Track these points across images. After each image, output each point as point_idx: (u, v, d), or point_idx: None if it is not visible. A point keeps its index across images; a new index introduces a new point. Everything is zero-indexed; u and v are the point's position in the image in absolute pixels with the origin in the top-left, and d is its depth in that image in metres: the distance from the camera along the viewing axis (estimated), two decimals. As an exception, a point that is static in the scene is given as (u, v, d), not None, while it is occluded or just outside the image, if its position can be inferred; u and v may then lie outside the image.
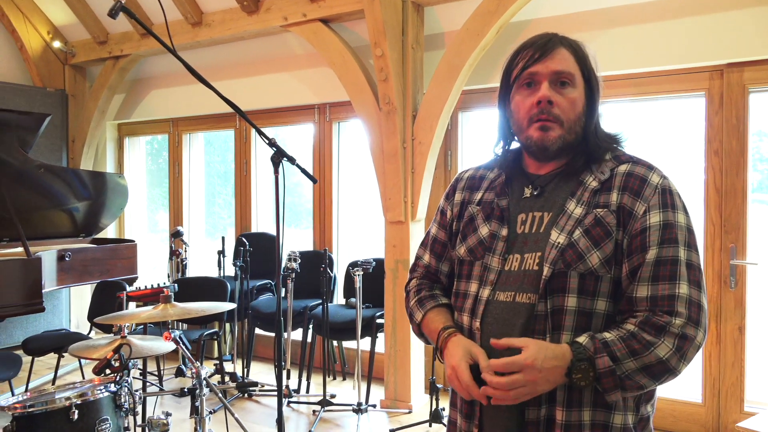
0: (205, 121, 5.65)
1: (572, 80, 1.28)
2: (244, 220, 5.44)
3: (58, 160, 5.67)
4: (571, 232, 1.25)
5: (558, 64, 1.28)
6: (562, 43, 1.30)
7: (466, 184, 1.48)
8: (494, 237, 1.34)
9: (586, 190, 1.28)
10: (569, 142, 1.29)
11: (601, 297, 1.24)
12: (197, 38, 4.92)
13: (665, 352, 1.16)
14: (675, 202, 1.25)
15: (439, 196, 4.37)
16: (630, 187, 1.26)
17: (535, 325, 1.24)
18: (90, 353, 2.28)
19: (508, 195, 1.37)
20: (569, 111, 1.28)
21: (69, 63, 5.87)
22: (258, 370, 4.84)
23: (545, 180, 1.34)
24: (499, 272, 1.32)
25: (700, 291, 1.21)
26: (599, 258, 1.23)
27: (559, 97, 1.28)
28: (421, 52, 4.07)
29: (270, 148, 2.53)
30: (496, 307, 1.30)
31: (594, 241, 1.24)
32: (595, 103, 1.31)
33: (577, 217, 1.26)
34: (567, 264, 1.24)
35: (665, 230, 1.21)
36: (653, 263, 1.20)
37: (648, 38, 3.54)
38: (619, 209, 1.25)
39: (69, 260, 4.42)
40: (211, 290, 4.24)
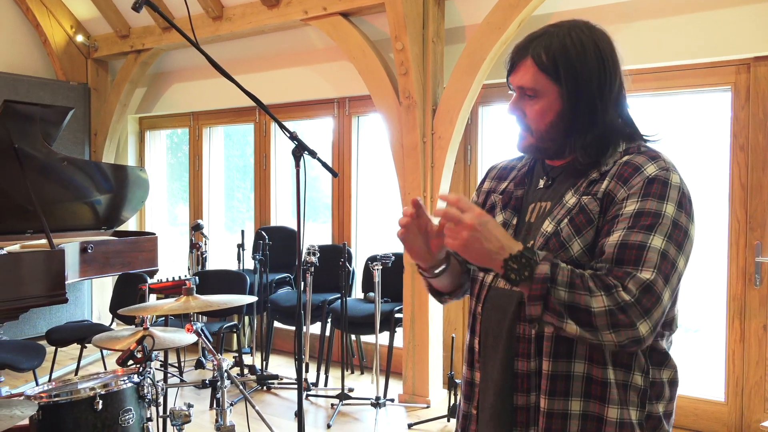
0: (225, 114, 5.68)
1: (535, 92, 1.25)
2: (263, 214, 5.46)
3: (80, 153, 5.74)
4: (560, 220, 1.24)
5: (519, 78, 1.27)
6: (531, 52, 1.26)
7: (497, 174, 1.50)
8: (506, 225, 1.35)
9: (586, 181, 1.26)
10: (547, 148, 1.30)
11: None
12: (218, 32, 4.94)
13: (597, 305, 1.09)
14: (665, 193, 1.17)
15: (459, 191, 4.36)
16: (621, 174, 1.21)
17: (521, 311, 1.25)
18: (113, 344, 2.31)
19: (525, 185, 1.39)
20: (537, 121, 1.27)
21: (91, 57, 5.93)
22: (276, 363, 4.87)
23: (556, 171, 1.34)
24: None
25: (665, 286, 1.12)
26: (580, 246, 1.21)
27: (529, 108, 1.27)
28: (442, 45, 4.05)
29: (291, 141, 2.53)
30: (495, 293, 1.32)
31: (576, 228, 1.22)
32: (580, 101, 1.24)
33: (570, 206, 1.25)
34: (549, 252, 1.21)
35: (638, 218, 1.15)
36: (617, 245, 1.14)
37: (672, 31, 3.48)
38: (604, 196, 1.21)
39: (91, 252, 4.48)
40: (231, 283, 4.27)
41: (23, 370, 3.42)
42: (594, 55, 1.24)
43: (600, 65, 1.24)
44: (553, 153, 1.31)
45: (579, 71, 1.23)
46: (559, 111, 1.25)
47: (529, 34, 1.30)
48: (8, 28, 5.64)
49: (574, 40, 1.24)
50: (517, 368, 1.25)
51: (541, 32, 1.28)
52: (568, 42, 1.24)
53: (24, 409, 1.57)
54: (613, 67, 1.25)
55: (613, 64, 1.25)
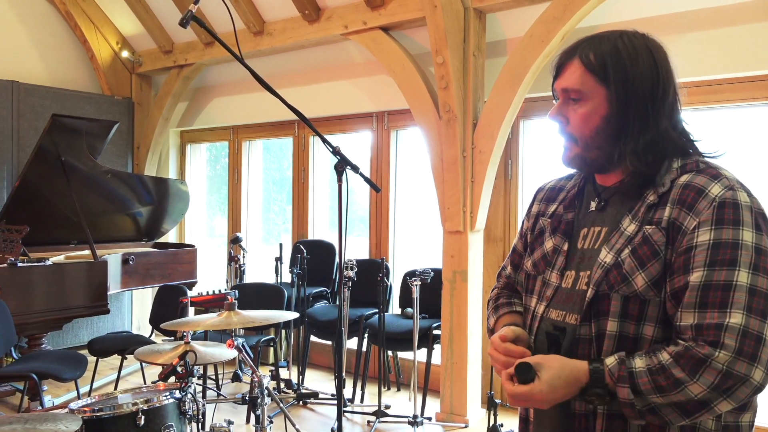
0: (265, 128, 5.72)
1: (580, 94, 1.18)
2: (300, 227, 5.47)
3: (123, 166, 5.86)
4: (620, 251, 1.16)
5: (565, 80, 1.20)
6: (579, 53, 1.20)
7: (545, 196, 1.42)
8: (556, 251, 1.28)
9: (644, 205, 1.17)
10: (594, 159, 1.20)
11: (648, 322, 1.13)
12: (259, 47, 4.99)
13: (699, 391, 1.02)
14: (739, 217, 1.07)
15: (499, 206, 4.29)
16: (683, 199, 1.12)
17: (578, 348, 1.17)
18: (155, 358, 2.32)
19: (576, 208, 1.31)
20: (581, 127, 1.19)
21: (136, 72, 6.06)
22: (313, 377, 4.85)
23: (609, 192, 1.25)
24: (556, 288, 1.26)
25: (764, 322, 1.03)
26: (645, 280, 1.12)
27: (572, 114, 1.19)
28: (483, 59, 4.01)
29: (334, 156, 2.52)
30: (548, 326, 1.25)
31: (640, 261, 1.13)
32: (630, 105, 1.16)
33: (629, 234, 1.16)
34: (610, 285, 1.15)
35: (716, 250, 1.06)
36: (700, 287, 1.05)
37: (722, 43, 3.37)
38: (669, 225, 1.12)
39: (132, 264, 4.55)
40: (269, 297, 4.27)
41: (66, 380, 3.46)
42: (647, 61, 1.17)
43: (653, 71, 1.17)
44: (601, 164, 1.21)
45: (630, 73, 1.16)
46: (605, 115, 1.17)
47: (579, 39, 1.24)
48: (57, 45, 5.81)
49: (626, 44, 1.18)
50: (574, 408, 1.18)
51: (591, 36, 1.22)
52: (620, 44, 1.18)
53: (68, 424, 1.57)
54: (666, 75, 1.18)
55: (666, 73, 1.18)
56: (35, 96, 5.33)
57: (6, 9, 5.47)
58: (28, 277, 3.83)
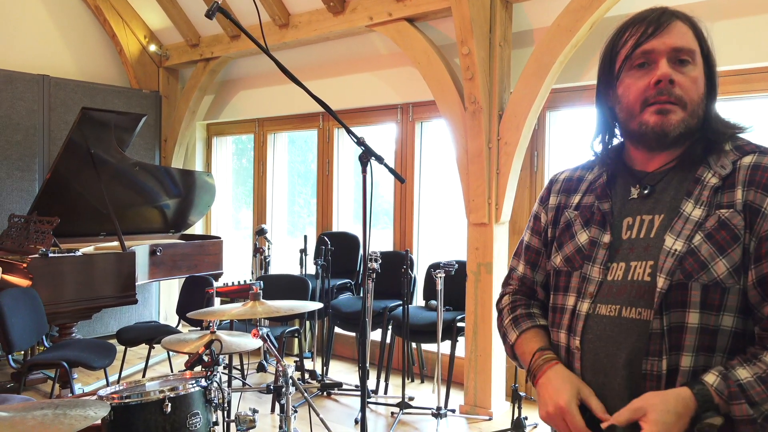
0: (290, 121, 5.75)
1: (693, 57, 1.15)
2: (325, 220, 5.49)
3: (151, 159, 5.94)
4: (691, 237, 1.10)
5: (677, 39, 1.15)
6: (678, 17, 1.18)
7: (562, 187, 1.35)
8: (594, 244, 1.21)
9: (705, 188, 1.12)
10: (692, 127, 1.16)
11: (728, 312, 1.08)
12: (284, 39, 5.01)
13: None
14: None
15: (525, 198, 4.24)
16: (757, 181, 1.09)
17: (649, 345, 1.10)
18: (181, 347, 2.35)
19: (610, 197, 1.23)
20: (692, 91, 1.15)
21: (163, 65, 6.13)
22: (337, 368, 4.87)
23: (655, 177, 1.19)
24: (600, 283, 1.18)
25: None
26: (726, 267, 1.07)
27: (681, 75, 1.14)
28: (509, 49, 3.96)
29: (358, 147, 2.51)
30: (598, 323, 1.16)
31: (719, 246, 1.08)
32: (715, 83, 1.18)
33: (697, 219, 1.11)
34: (687, 274, 1.08)
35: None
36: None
37: (758, 32, 3.28)
38: (745, 208, 1.08)
39: (160, 255, 4.61)
40: (294, 288, 4.29)
41: (95, 368, 3.53)
42: (709, 42, 1.20)
43: (714, 56, 1.20)
44: (691, 136, 1.17)
45: (712, 55, 1.19)
46: (704, 84, 1.17)
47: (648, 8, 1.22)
48: (87, 39, 5.90)
49: (703, 25, 1.21)
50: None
51: (664, 7, 1.22)
52: (701, 26, 1.20)
53: (97, 410, 1.59)
54: (715, 61, 1.21)
55: (715, 60, 1.21)
56: (65, 90, 5.42)
57: (37, 4, 5.57)
58: (58, 267, 3.91)
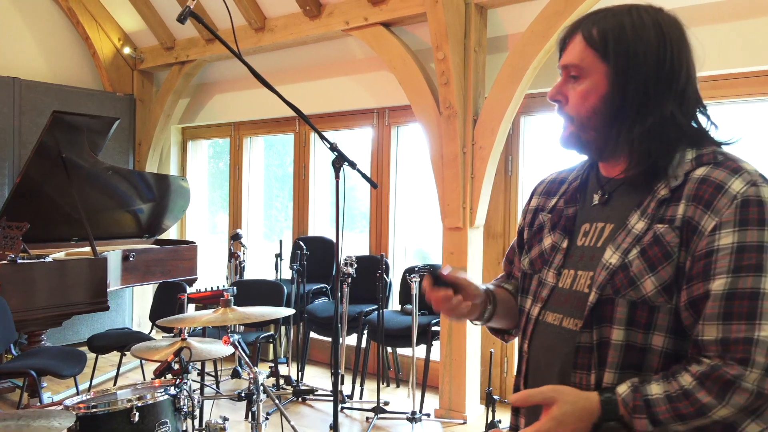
0: (266, 125, 5.72)
1: (580, 70, 1.09)
2: (301, 224, 5.47)
3: (125, 163, 5.86)
4: (628, 251, 1.05)
5: (566, 56, 1.11)
6: (582, 27, 1.11)
7: (545, 189, 1.32)
8: (554, 249, 1.19)
9: (654, 200, 1.06)
10: (590, 141, 1.11)
11: (658, 331, 1.02)
12: (260, 43, 4.99)
13: (726, 414, 0.95)
14: (764, 216, 0.97)
15: (500, 203, 4.27)
16: (700, 196, 1.01)
17: (577, 357, 1.07)
18: (151, 354, 2.31)
19: (577, 202, 1.20)
20: (578, 105, 1.09)
21: (137, 68, 6.07)
22: (312, 374, 4.85)
23: (615, 184, 1.14)
24: (552, 288, 1.16)
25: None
26: (654, 285, 1.02)
27: (571, 92, 1.11)
28: (484, 55, 3.99)
29: (331, 152, 2.51)
30: (543, 330, 1.16)
31: (650, 263, 1.02)
32: (630, 84, 1.06)
33: (638, 233, 1.05)
34: (616, 290, 1.04)
35: (741, 254, 0.96)
36: (723, 296, 0.95)
37: (726, 38, 3.34)
38: (683, 225, 1.01)
39: (133, 260, 4.55)
40: (269, 293, 4.27)
41: (64, 376, 3.46)
42: (654, 36, 1.06)
43: (661, 47, 1.06)
44: (599, 148, 1.12)
45: (633, 49, 1.06)
46: (603, 95, 1.07)
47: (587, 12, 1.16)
48: (59, 41, 5.82)
49: (633, 18, 1.08)
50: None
51: (598, 10, 1.13)
52: (626, 19, 1.08)
53: (62, 420, 1.57)
54: (678, 54, 1.07)
55: (678, 52, 1.07)
56: (37, 92, 5.33)
57: (8, 6, 5.47)
58: (28, 273, 3.84)
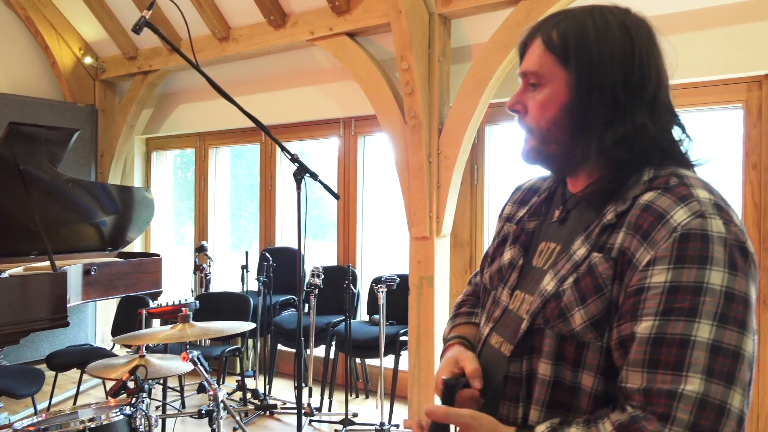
0: (232, 135, 5.66)
1: (539, 77, 1.00)
2: (268, 235, 5.42)
3: (87, 175, 5.74)
4: (564, 278, 0.97)
5: (525, 63, 1.03)
6: (540, 33, 1.01)
7: (520, 197, 1.23)
8: (512, 265, 1.11)
9: (599, 225, 0.96)
10: (553, 155, 1.02)
11: (587, 370, 0.93)
12: (224, 53, 4.94)
13: None
14: (707, 253, 0.85)
15: (466, 212, 4.29)
16: (639, 225, 0.90)
17: (506, 388, 1.01)
18: (107, 373, 2.25)
19: (540, 216, 1.13)
20: (538, 116, 1.00)
21: (99, 78, 5.96)
22: (280, 386, 4.79)
23: (574, 201, 1.06)
24: (504, 309, 1.09)
25: (729, 389, 0.81)
26: (583, 319, 0.92)
27: (531, 101, 1.02)
28: (448, 65, 4.01)
29: (292, 163, 2.49)
30: (487, 352, 1.09)
31: (581, 295, 0.93)
32: (594, 91, 0.96)
33: (577, 260, 0.97)
34: (546, 320, 0.97)
35: (672, 295, 0.84)
36: (650, 341, 0.84)
37: (682, 48, 3.42)
38: (619, 255, 0.91)
39: (95, 274, 4.44)
40: (234, 306, 4.21)
41: (21, 396, 3.36)
42: (620, 39, 0.97)
43: (628, 51, 0.96)
44: (563, 161, 1.02)
45: (596, 53, 0.96)
46: (564, 103, 0.98)
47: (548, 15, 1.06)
48: (17, 51, 5.68)
49: (597, 20, 0.98)
50: None
51: (559, 11, 1.03)
52: (589, 21, 0.98)
53: (9, 444, 1.50)
54: (647, 58, 0.98)
55: (647, 55, 0.98)
56: (-7, 103, 5.19)
57: (-37, 14, 5.33)
58: (-18, 290, 3.71)
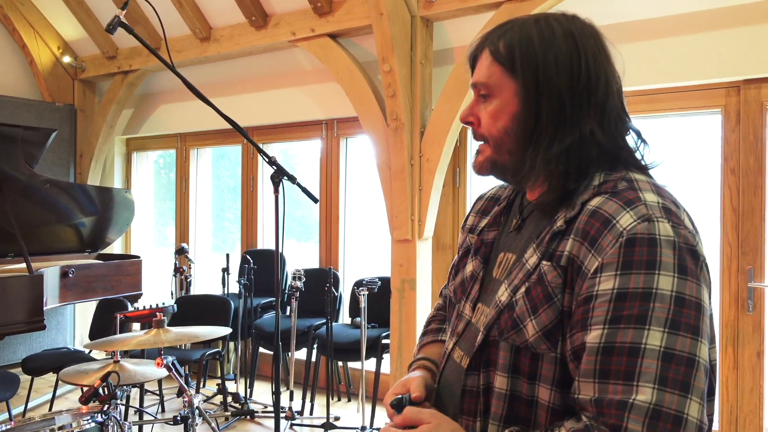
0: (213, 136, 5.61)
1: (489, 89, 0.99)
2: (250, 237, 5.38)
3: (65, 175, 5.66)
4: (517, 288, 0.95)
5: (476, 74, 1.02)
6: (487, 44, 1.01)
7: (482, 207, 1.22)
8: (473, 278, 1.09)
9: (550, 232, 0.95)
10: (506, 165, 1.01)
11: (543, 382, 0.91)
12: (206, 53, 4.90)
13: None
14: (654, 258, 0.82)
15: (448, 214, 4.29)
16: (587, 231, 0.89)
17: (464, 402, 0.99)
18: (80, 379, 2.21)
19: (500, 225, 1.11)
20: (490, 126, 1.00)
21: (78, 78, 5.88)
22: (261, 390, 4.75)
23: (529, 209, 1.05)
24: (467, 323, 1.07)
25: (686, 397, 0.78)
26: (535, 329, 0.91)
27: (483, 112, 1.01)
28: (430, 67, 4.01)
29: (270, 166, 2.47)
30: (449, 367, 1.07)
31: (533, 304, 0.92)
32: (542, 99, 0.95)
33: (529, 268, 0.95)
34: (500, 331, 0.95)
35: (621, 302, 0.82)
36: (600, 350, 0.82)
37: (662, 53, 3.45)
38: (568, 263, 0.90)
39: (72, 277, 4.38)
40: (214, 309, 4.17)
41: (-6, 401, 3.29)
42: (565, 47, 0.96)
43: (574, 58, 0.96)
44: (515, 172, 1.01)
45: (542, 61, 0.95)
46: (515, 113, 0.97)
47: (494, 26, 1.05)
48: (-6, 49, 5.59)
49: (542, 28, 0.98)
50: None
51: (506, 21, 1.02)
52: (534, 30, 0.97)
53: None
54: (594, 65, 0.97)
55: (594, 63, 0.97)
56: (-30, 103, 5.11)
57: (-62, 12, 5.24)
58: (-44, 292, 3.64)
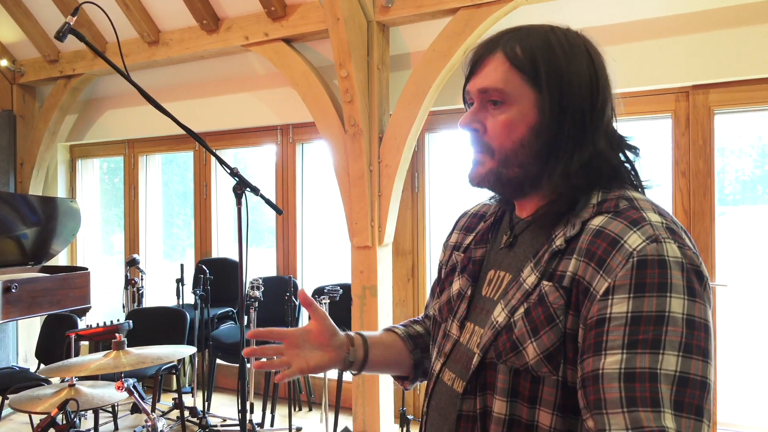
0: (163, 142, 5.44)
1: (504, 95, 0.93)
2: (204, 245, 5.24)
3: (5, 185, 5.39)
4: (515, 309, 0.91)
5: (484, 78, 0.95)
6: (503, 45, 0.95)
7: (465, 223, 1.18)
8: (460, 296, 1.05)
9: (548, 251, 0.92)
10: (513, 179, 0.95)
11: (544, 406, 0.87)
12: (154, 57, 4.74)
13: None
14: (666, 280, 0.80)
15: (407, 220, 4.27)
16: (593, 252, 0.85)
17: (459, 427, 0.95)
18: (33, 406, 2.08)
19: (487, 243, 1.07)
20: (503, 137, 0.93)
21: (17, 82, 5.60)
22: (220, 402, 4.63)
23: (522, 226, 1.01)
24: (455, 343, 1.03)
25: (701, 421, 0.76)
26: (536, 352, 0.87)
27: (491, 120, 0.95)
28: (387, 72, 3.99)
29: (232, 177, 2.40)
30: (439, 389, 1.03)
31: (534, 326, 0.88)
32: (566, 114, 0.92)
33: (527, 288, 0.91)
34: (498, 354, 0.91)
35: (636, 326, 0.79)
36: (621, 377, 0.78)
37: (613, 60, 3.52)
38: (572, 284, 0.86)
39: (16, 292, 4.17)
40: (169, 321, 4.03)
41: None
42: (585, 61, 0.95)
43: (592, 75, 0.95)
44: (520, 186, 0.96)
45: (566, 75, 0.92)
46: (533, 125, 0.92)
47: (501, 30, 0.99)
48: (-76, 52, 5.27)
49: (560, 38, 0.95)
50: None
51: (515, 27, 0.97)
52: (553, 39, 0.94)
53: None
54: (605, 82, 0.97)
55: (605, 80, 0.97)
56: None
57: None
58: None
